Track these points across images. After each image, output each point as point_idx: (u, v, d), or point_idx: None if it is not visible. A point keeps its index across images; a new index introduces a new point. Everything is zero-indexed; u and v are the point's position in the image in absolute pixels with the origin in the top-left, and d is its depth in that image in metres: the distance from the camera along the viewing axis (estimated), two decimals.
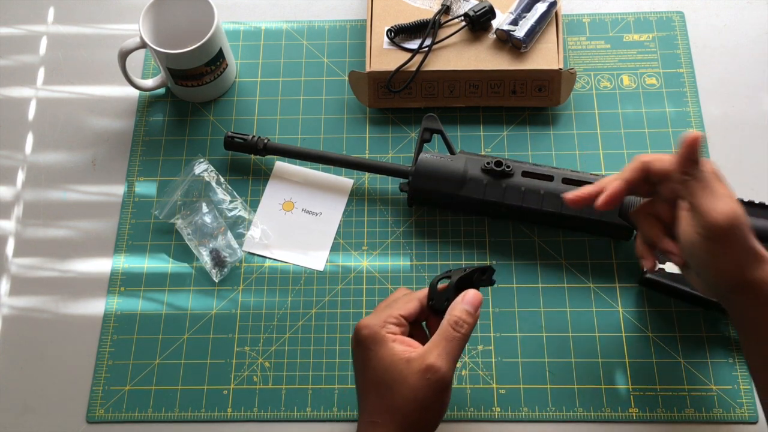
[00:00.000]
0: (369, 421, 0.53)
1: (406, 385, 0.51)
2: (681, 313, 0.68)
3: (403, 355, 0.52)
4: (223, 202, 0.75)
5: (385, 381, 0.52)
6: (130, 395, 0.68)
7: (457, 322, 0.53)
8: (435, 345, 0.52)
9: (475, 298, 0.55)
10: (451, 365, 0.52)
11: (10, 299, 0.73)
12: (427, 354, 0.52)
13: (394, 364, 0.52)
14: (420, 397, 0.51)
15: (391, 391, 0.52)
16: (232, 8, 0.86)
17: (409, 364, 0.52)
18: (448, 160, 0.69)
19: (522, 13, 0.76)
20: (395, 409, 0.51)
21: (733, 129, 0.77)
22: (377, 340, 0.53)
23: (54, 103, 0.82)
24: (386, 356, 0.53)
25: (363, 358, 0.54)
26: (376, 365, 0.53)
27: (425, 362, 0.51)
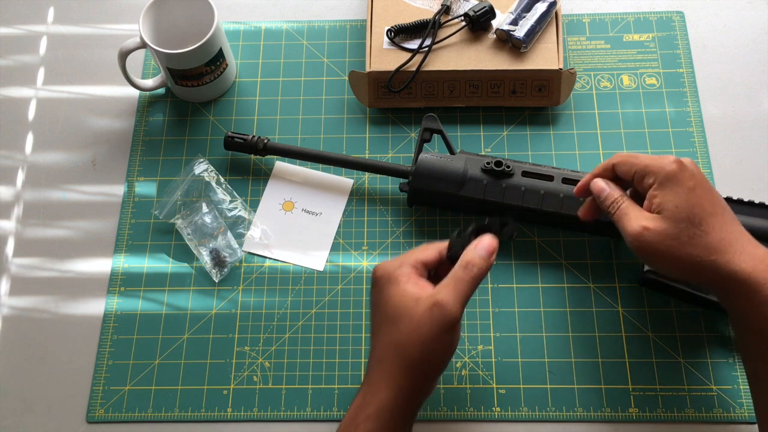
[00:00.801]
0: (375, 359, 0.53)
1: (411, 320, 0.51)
2: (681, 313, 0.68)
3: (414, 294, 0.53)
4: (223, 202, 0.75)
5: (393, 317, 0.52)
6: (130, 395, 0.68)
7: (468, 263, 0.53)
8: (444, 285, 0.53)
9: (488, 243, 0.54)
10: (458, 303, 0.51)
11: (10, 299, 0.73)
12: (435, 293, 0.52)
13: (403, 301, 0.52)
14: (424, 332, 0.51)
15: (397, 326, 0.52)
16: (232, 8, 0.86)
17: (417, 302, 0.52)
18: (448, 160, 0.69)
19: (522, 13, 0.76)
20: (399, 344, 0.52)
21: (733, 129, 0.77)
22: (391, 279, 0.54)
23: (54, 103, 0.82)
24: (396, 294, 0.53)
25: (375, 298, 0.55)
26: (386, 303, 0.53)
27: (433, 299, 0.52)
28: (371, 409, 0.52)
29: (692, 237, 0.53)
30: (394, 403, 0.51)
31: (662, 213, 0.54)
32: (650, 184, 0.55)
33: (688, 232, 0.53)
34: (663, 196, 0.54)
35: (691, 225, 0.53)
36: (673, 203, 0.53)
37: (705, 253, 0.53)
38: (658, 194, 0.54)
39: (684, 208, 0.53)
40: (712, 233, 0.53)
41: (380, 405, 0.51)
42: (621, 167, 0.58)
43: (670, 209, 0.53)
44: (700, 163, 0.75)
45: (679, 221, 0.53)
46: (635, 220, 0.55)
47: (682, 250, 0.53)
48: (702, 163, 0.75)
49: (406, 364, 0.51)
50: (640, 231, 0.54)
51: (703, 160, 0.75)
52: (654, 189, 0.55)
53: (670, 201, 0.54)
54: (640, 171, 0.56)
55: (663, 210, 0.54)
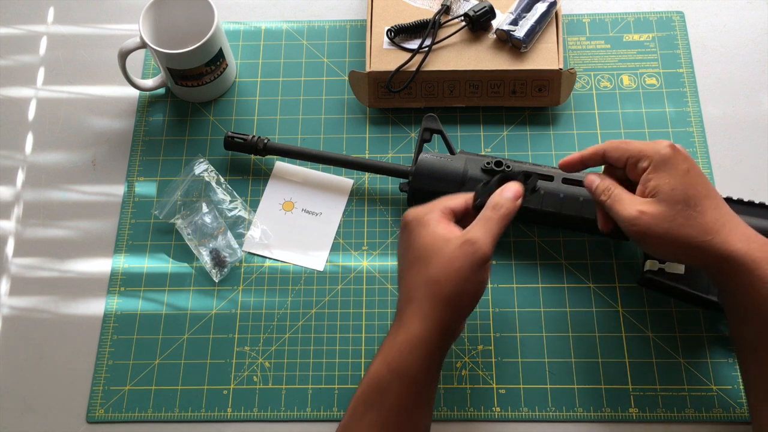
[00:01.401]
0: (405, 299, 0.54)
1: (443, 257, 0.53)
2: (681, 313, 0.68)
3: (444, 235, 0.54)
4: (223, 202, 0.75)
5: (424, 257, 0.53)
6: (130, 395, 0.68)
7: (496, 204, 0.55)
8: (474, 224, 0.55)
9: (514, 187, 0.57)
10: (488, 240, 0.53)
11: (10, 299, 0.73)
12: (466, 232, 0.54)
13: (434, 241, 0.54)
14: (456, 267, 0.52)
15: (428, 265, 0.53)
16: (232, 8, 0.86)
17: (448, 242, 0.53)
18: (448, 160, 0.69)
19: (522, 13, 0.76)
20: (431, 281, 0.53)
21: (733, 129, 0.77)
22: (422, 222, 0.55)
23: (54, 103, 0.82)
24: (427, 235, 0.54)
25: (405, 241, 0.56)
26: (416, 244, 0.54)
27: (464, 237, 0.53)
28: (402, 340, 0.52)
29: (688, 218, 0.53)
30: (428, 334, 0.52)
31: (657, 196, 0.54)
32: (644, 168, 0.56)
33: (684, 213, 0.53)
34: (658, 178, 0.55)
35: (687, 206, 0.53)
36: (669, 185, 0.54)
37: (701, 234, 0.53)
38: (653, 177, 0.55)
39: (680, 190, 0.54)
40: (707, 214, 0.54)
41: (412, 337, 0.52)
42: (613, 153, 0.58)
43: (665, 191, 0.54)
44: (700, 163, 0.75)
45: (676, 203, 0.54)
46: (630, 205, 0.55)
47: (679, 232, 0.53)
48: (702, 163, 0.75)
49: (438, 299, 0.52)
50: (637, 215, 0.54)
51: (703, 160, 0.75)
52: (649, 172, 0.55)
53: (666, 183, 0.54)
54: (633, 156, 0.56)
55: (658, 193, 0.54)
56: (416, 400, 0.53)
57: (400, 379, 0.52)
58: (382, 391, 0.52)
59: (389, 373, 0.52)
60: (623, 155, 0.57)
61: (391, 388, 0.52)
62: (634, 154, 0.56)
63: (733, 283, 0.54)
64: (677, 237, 0.53)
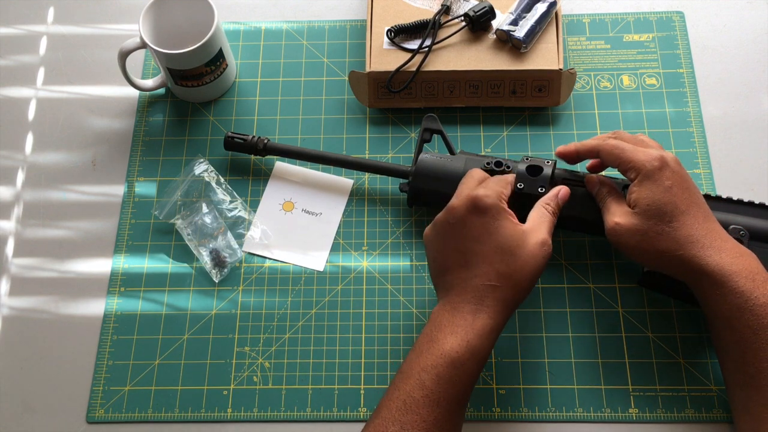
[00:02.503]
0: (488, 284, 0.56)
1: (527, 253, 0.56)
2: (681, 313, 0.68)
3: (521, 230, 0.58)
4: (223, 202, 0.75)
5: (510, 248, 0.56)
6: (130, 395, 0.68)
7: (555, 208, 0.61)
8: (540, 223, 0.59)
9: (566, 193, 0.62)
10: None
11: (10, 299, 0.73)
12: (538, 229, 0.58)
13: (516, 234, 0.57)
14: (535, 265, 0.56)
15: (514, 257, 0.56)
16: (232, 8, 0.86)
17: (526, 236, 0.57)
18: (448, 160, 0.69)
19: (522, 14, 0.76)
20: (516, 274, 0.56)
21: (733, 129, 0.77)
22: (499, 211, 0.58)
23: (54, 103, 0.82)
24: (509, 227, 0.57)
25: (485, 225, 0.58)
26: (500, 233, 0.57)
27: (540, 236, 0.57)
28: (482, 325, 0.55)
29: (660, 233, 0.57)
30: (503, 323, 0.57)
31: (635, 208, 0.58)
32: (632, 178, 0.59)
33: (656, 228, 0.57)
34: (639, 192, 0.58)
35: (660, 222, 0.57)
36: (648, 200, 0.57)
37: (673, 248, 0.57)
38: (636, 190, 0.59)
39: (657, 206, 0.57)
40: (680, 230, 0.57)
41: (494, 324, 0.56)
42: (606, 157, 0.61)
43: (642, 206, 0.58)
44: (699, 163, 0.75)
45: (649, 218, 0.57)
46: (611, 215, 0.60)
47: (649, 245, 0.57)
48: (702, 163, 0.75)
49: (518, 290, 0.56)
50: (612, 226, 0.59)
51: (703, 160, 0.75)
52: (634, 184, 0.59)
53: (645, 197, 0.58)
54: (623, 164, 0.60)
55: (637, 206, 0.58)
56: (476, 381, 0.56)
57: (477, 361, 0.55)
58: (458, 367, 0.54)
59: (469, 353, 0.54)
60: (614, 161, 0.61)
61: (468, 366, 0.54)
62: (624, 162, 0.60)
63: (706, 293, 0.56)
64: (648, 249, 0.58)
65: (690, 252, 0.56)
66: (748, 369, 0.55)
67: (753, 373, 0.54)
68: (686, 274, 0.58)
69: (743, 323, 0.54)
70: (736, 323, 0.55)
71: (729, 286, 0.55)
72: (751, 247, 0.65)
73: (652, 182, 0.58)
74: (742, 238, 0.65)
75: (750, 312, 0.54)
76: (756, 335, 0.54)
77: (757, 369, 0.54)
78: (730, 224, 0.66)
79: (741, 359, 0.55)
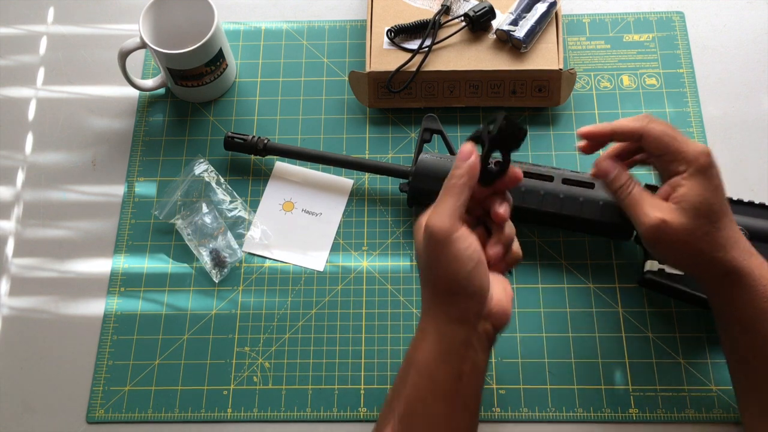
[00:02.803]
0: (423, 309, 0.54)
1: (423, 255, 0.52)
2: (681, 313, 0.68)
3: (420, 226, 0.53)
4: (223, 202, 0.75)
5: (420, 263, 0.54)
6: (130, 395, 0.68)
7: (448, 178, 0.52)
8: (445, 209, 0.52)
9: (463, 150, 0.53)
10: (439, 217, 0.50)
11: (10, 299, 0.73)
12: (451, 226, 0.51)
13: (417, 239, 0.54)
14: (424, 256, 0.52)
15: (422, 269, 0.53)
16: (232, 8, 0.86)
17: (420, 234, 0.52)
18: (448, 160, 0.69)
19: (522, 14, 0.76)
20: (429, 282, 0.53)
21: (733, 129, 0.77)
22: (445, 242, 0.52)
23: (54, 103, 0.82)
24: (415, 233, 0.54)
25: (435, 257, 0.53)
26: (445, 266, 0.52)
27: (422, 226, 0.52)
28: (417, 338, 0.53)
29: (706, 234, 0.53)
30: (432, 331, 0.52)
31: (682, 204, 0.53)
32: (679, 171, 0.54)
33: (704, 228, 0.53)
34: (691, 187, 0.53)
35: (708, 222, 0.53)
36: (700, 197, 0.53)
37: (713, 249, 0.53)
38: (686, 184, 0.53)
39: (708, 204, 0.53)
40: (723, 231, 0.53)
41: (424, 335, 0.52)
42: (652, 143, 0.55)
43: (694, 202, 0.53)
44: None
45: (699, 216, 0.53)
46: (651, 210, 0.54)
47: (694, 246, 0.53)
48: None
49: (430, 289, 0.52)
50: (658, 223, 0.53)
51: None
52: (683, 178, 0.54)
53: (696, 194, 0.53)
54: (671, 154, 0.54)
55: (685, 202, 0.53)
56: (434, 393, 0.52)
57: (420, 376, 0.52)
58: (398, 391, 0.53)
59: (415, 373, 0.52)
60: (661, 148, 0.55)
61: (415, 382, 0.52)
62: (674, 152, 0.54)
63: (733, 295, 0.54)
64: (692, 250, 0.54)
65: (727, 254, 0.53)
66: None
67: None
68: (711, 277, 0.55)
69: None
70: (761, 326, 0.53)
71: (759, 287, 0.53)
72: None
73: (704, 178, 0.53)
74: None
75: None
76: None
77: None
78: None
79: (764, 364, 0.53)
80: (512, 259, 0.57)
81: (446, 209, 0.51)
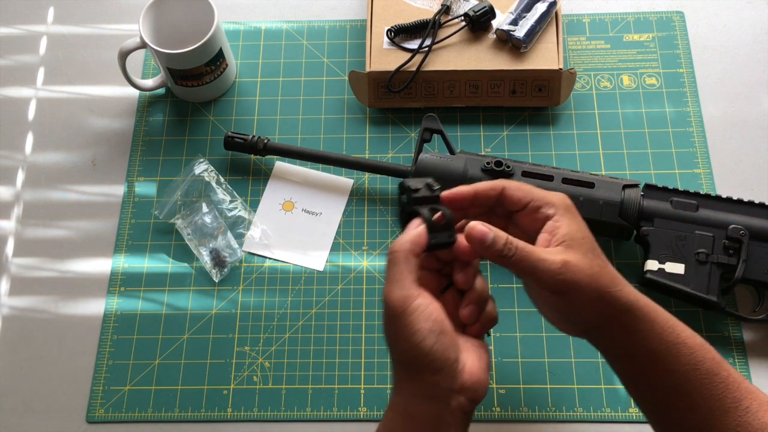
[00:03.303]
0: None
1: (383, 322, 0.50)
2: (681, 313, 0.68)
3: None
4: (223, 202, 0.75)
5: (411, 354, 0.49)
6: (130, 395, 0.68)
7: (389, 252, 0.50)
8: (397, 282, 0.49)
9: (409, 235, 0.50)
10: (392, 289, 0.48)
11: (10, 299, 0.73)
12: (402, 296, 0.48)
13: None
14: (385, 329, 0.49)
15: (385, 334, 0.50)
16: (232, 8, 0.86)
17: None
18: (448, 160, 0.69)
19: (522, 13, 0.76)
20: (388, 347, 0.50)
21: (733, 129, 0.77)
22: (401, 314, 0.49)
23: (54, 103, 0.82)
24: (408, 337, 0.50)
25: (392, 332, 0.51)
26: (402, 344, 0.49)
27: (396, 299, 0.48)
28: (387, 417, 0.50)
29: (601, 267, 0.50)
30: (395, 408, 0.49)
31: (568, 242, 0.50)
32: (550, 215, 0.51)
33: (597, 261, 0.50)
34: (568, 225, 0.50)
35: (596, 256, 0.50)
36: (581, 233, 0.50)
37: (611, 284, 0.49)
38: (563, 224, 0.50)
39: (589, 239, 0.51)
40: (609, 266, 0.50)
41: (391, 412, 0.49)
42: (515, 193, 0.52)
43: (577, 239, 0.50)
44: (699, 163, 0.75)
45: (587, 251, 0.50)
46: (548, 256, 0.49)
47: (598, 281, 0.49)
48: (702, 163, 0.75)
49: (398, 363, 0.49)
50: (562, 265, 0.48)
51: (703, 160, 0.75)
52: (556, 220, 0.50)
53: (577, 230, 0.50)
54: (537, 200, 0.51)
55: (569, 239, 0.50)
56: None
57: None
58: None
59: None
60: (525, 197, 0.52)
61: None
62: (537, 198, 0.51)
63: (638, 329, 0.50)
64: (597, 287, 0.49)
65: (625, 289, 0.49)
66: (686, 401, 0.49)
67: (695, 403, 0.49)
68: (612, 314, 0.49)
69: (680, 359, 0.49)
70: (672, 359, 0.49)
71: (659, 321, 0.49)
72: (751, 247, 0.65)
73: (572, 216, 0.51)
74: (742, 238, 0.65)
75: (683, 346, 0.49)
76: (696, 369, 0.49)
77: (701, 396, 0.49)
78: (730, 224, 0.66)
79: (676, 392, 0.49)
80: (487, 320, 0.53)
81: (398, 280, 0.48)
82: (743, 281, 0.65)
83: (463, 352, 0.49)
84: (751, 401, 0.49)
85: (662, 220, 0.67)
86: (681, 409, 0.50)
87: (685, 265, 0.65)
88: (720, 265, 0.65)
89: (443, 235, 0.51)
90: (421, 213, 0.51)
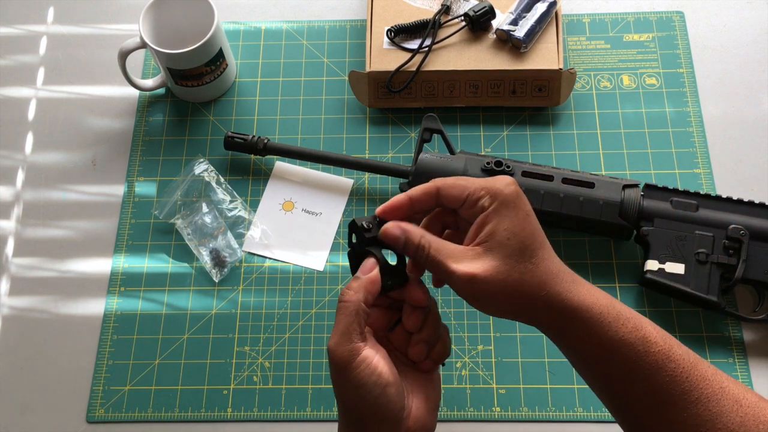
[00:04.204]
0: None
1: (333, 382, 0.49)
2: (681, 313, 0.68)
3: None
4: (223, 202, 0.75)
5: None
6: (130, 395, 0.68)
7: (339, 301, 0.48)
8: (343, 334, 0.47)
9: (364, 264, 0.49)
10: (336, 342, 0.46)
11: (10, 299, 0.73)
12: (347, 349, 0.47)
13: None
14: (332, 379, 0.48)
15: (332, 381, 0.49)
16: (232, 8, 0.86)
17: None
18: (448, 160, 0.69)
19: (522, 13, 0.76)
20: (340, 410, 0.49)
21: (733, 129, 0.77)
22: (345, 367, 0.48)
23: (54, 103, 0.82)
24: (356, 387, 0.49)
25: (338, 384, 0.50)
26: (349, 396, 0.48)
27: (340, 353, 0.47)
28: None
29: (524, 273, 0.46)
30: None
31: (489, 244, 0.46)
32: (484, 207, 0.47)
33: (519, 268, 0.46)
34: (497, 223, 0.46)
35: (523, 258, 0.46)
36: (507, 232, 0.46)
37: (536, 289, 0.46)
38: (492, 220, 0.47)
39: (518, 239, 0.46)
40: (541, 265, 0.47)
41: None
42: (450, 191, 0.49)
43: (501, 240, 0.46)
44: (699, 163, 0.75)
45: (511, 255, 0.46)
46: (458, 266, 0.46)
47: (516, 291, 0.46)
48: (702, 163, 0.75)
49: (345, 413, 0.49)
50: (468, 279, 0.46)
51: (703, 160, 0.75)
52: (488, 214, 0.47)
53: (504, 229, 0.46)
54: (473, 193, 0.48)
55: (491, 240, 0.46)
56: None
57: None
58: None
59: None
60: (462, 192, 0.48)
61: None
62: (473, 191, 0.48)
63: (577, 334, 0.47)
64: (514, 297, 0.46)
65: (554, 289, 0.46)
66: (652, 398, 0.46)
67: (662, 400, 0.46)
68: (549, 320, 0.47)
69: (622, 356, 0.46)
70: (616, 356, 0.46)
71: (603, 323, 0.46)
72: (751, 246, 0.65)
73: (511, 209, 0.46)
74: (743, 238, 0.65)
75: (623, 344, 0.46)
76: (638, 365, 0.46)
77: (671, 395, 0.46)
78: (730, 224, 0.66)
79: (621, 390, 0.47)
80: (438, 356, 0.51)
81: (345, 333, 0.46)
82: (743, 281, 0.65)
83: (410, 395, 0.48)
84: (702, 391, 0.46)
85: (662, 220, 0.67)
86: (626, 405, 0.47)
87: (685, 265, 0.65)
88: (720, 265, 0.65)
89: (397, 275, 0.49)
90: (375, 254, 0.48)
